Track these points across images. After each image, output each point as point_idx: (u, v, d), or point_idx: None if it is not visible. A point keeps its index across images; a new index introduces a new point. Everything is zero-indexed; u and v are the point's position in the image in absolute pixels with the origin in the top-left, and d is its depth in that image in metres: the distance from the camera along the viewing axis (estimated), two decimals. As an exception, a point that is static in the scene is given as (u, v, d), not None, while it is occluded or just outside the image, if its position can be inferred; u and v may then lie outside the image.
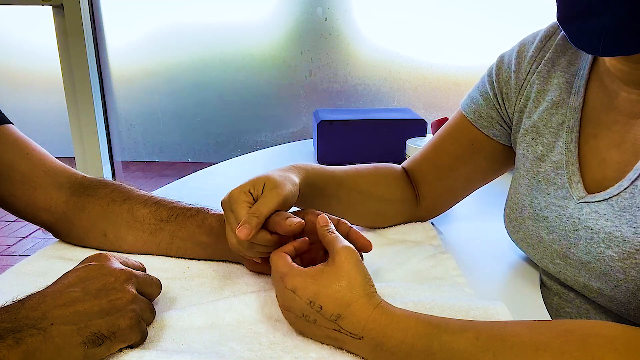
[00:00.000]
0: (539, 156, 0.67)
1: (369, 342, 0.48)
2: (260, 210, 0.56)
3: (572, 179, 0.63)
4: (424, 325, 0.48)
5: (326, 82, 1.96)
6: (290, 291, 0.51)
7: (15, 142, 0.70)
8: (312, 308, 0.49)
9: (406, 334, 0.47)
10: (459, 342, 0.46)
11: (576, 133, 0.64)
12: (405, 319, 0.48)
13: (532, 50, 0.69)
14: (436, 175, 0.80)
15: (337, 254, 0.51)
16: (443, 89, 1.94)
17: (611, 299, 0.59)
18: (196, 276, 0.66)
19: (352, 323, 0.49)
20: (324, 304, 0.49)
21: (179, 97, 2.06)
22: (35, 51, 2.46)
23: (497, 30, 1.84)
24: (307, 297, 0.50)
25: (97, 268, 0.51)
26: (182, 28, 1.99)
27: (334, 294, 0.49)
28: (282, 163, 0.56)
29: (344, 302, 0.49)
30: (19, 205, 0.70)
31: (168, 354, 0.49)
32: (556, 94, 0.66)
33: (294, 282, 0.51)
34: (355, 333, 0.48)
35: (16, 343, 0.42)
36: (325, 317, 0.49)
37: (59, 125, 2.27)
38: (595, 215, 0.59)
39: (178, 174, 1.24)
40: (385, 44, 1.92)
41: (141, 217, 0.69)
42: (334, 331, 0.49)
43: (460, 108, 0.78)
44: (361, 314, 0.49)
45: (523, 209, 0.69)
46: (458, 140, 0.77)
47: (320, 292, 0.49)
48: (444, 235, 0.82)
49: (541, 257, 0.67)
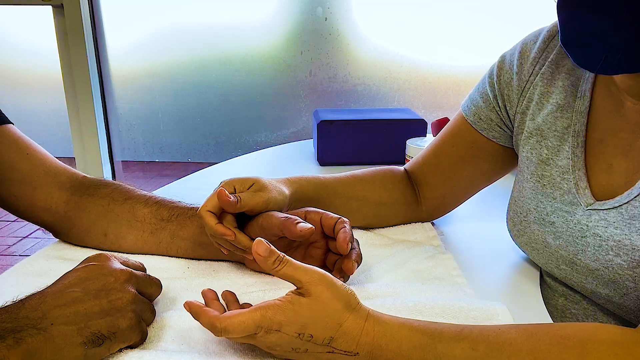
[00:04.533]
0: (544, 159, 0.66)
1: (364, 356, 0.47)
2: (241, 199, 0.59)
3: (579, 184, 0.62)
4: (417, 334, 0.47)
5: (326, 82, 1.96)
6: (275, 331, 0.46)
7: (15, 142, 0.70)
8: (301, 340, 0.46)
9: (400, 345, 0.46)
10: (454, 353, 0.45)
11: (582, 138, 0.63)
12: (397, 328, 0.47)
13: (535, 51, 0.68)
14: (437, 178, 0.79)
15: (311, 286, 0.47)
16: (443, 89, 1.94)
17: (620, 306, 0.59)
18: (196, 276, 0.66)
19: (346, 341, 0.47)
20: (313, 333, 0.46)
21: (179, 97, 2.06)
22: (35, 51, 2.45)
23: (497, 30, 1.84)
24: (295, 330, 0.46)
25: (98, 268, 0.51)
26: (182, 28, 1.99)
27: (321, 320, 0.46)
28: (282, 163, 0.56)
29: (334, 325, 0.47)
30: (20, 205, 0.70)
31: (168, 354, 0.49)
32: (561, 97, 0.65)
33: (275, 320, 0.46)
34: (350, 350, 0.47)
35: (16, 343, 0.42)
36: (317, 344, 0.47)
37: (59, 125, 2.27)
38: (604, 223, 0.59)
39: (178, 174, 1.24)
40: (385, 44, 1.92)
41: (142, 217, 0.69)
42: (327, 353, 0.47)
43: (461, 110, 0.77)
44: (354, 330, 0.47)
45: (528, 213, 0.68)
46: (458, 142, 0.77)
47: (307, 323, 0.46)
48: (445, 236, 0.82)
49: (546, 262, 0.67)
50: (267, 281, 0.65)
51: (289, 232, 0.57)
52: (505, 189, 0.86)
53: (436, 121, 1.29)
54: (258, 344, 0.48)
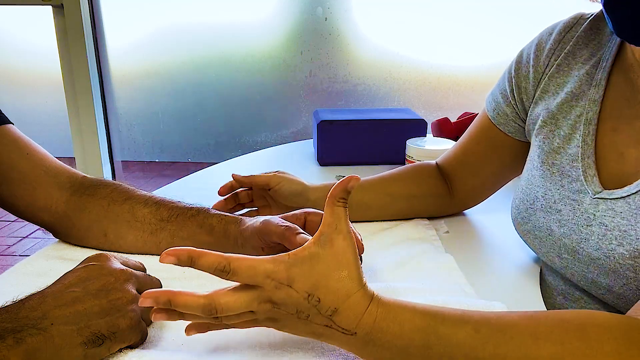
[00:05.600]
0: (555, 148, 0.67)
1: (361, 337, 0.45)
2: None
3: (587, 172, 0.62)
4: (419, 317, 0.46)
5: (326, 82, 1.96)
6: (286, 286, 0.44)
7: (15, 142, 0.70)
8: (309, 303, 0.44)
9: (402, 327, 0.45)
10: (457, 335, 0.45)
11: (594, 126, 0.63)
12: (401, 310, 0.46)
13: (551, 42, 0.69)
14: (466, 173, 0.83)
15: (340, 237, 0.45)
16: (443, 89, 1.94)
17: (619, 296, 0.59)
18: (196, 276, 0.66)
19: (348, 318, 0.45)
20: (322, 297, 0.44)
21: (179, 97, 2.06)
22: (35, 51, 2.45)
23: (497, 30, 1.84)
24: (305, 290, 0.44)
25: (98, 268, 0.51)
26: (182, 28, 1.99)
27: (334, 284, 0.44)
28: (282, 163, 0.56)
29: (343, 293, 0.44)
30: (19, 205, 0.70)
31: (168, 354, 0.49)
32: (576, 85, 0.66)
33: (290, 274, 0.44)
34: (349, 329, 0.45)
35: (16, 343, 0.42)
36: (321, 313, 0.44)
37: (59, 125, 2.27)
38: (612, 212, 0.58)
39: (178, 174, 1.24)
40: (385, 44, 1.92)
41: (142, 217, 0.69)
42: (324, 327, 0.45)
43: (485, 105, 0.80)
44: (358, 307, 0.45)
45: (535, 201, 0.68)
46: (481, 139, 0.81)
47: (320, 283, 0.44)
48: (446, 235, 0.82)
49: (548, 251, 0.67)
50: (267, 281, 0.65)
51: (288, 242, 0.57)
52: (506, 188, 0.86)
53: (436, 121, 1.29)
54: (259, 312, 0.45)
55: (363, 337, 0.45)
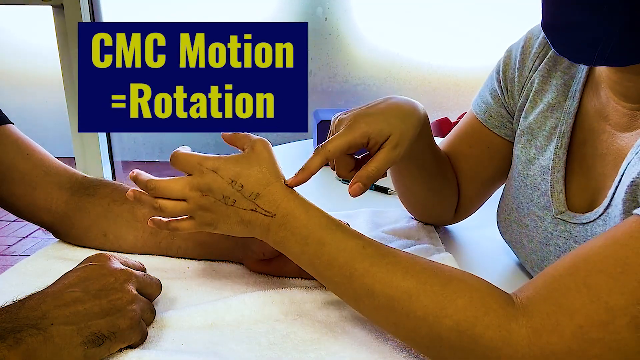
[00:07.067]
0: (530, 159, 0.66)
1: (278, 220, 0.52)
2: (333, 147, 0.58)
3: (555, 186, 0.62)
4: (327, 218, 0.52)
5: (326, 82, 1.96)
6: (211, 171, 0.52)
7: (15, 142, 0.70)
8: (233, 187, 0.52)
9: (310, 219, 0.52)
10: (347, 243, 0.50)
11: (567, 139, 0.62)
12: (314, 208, 0.53)
13: (536, 46, 0.67)
14: (460, 181, 0.77)
15: (256, 143, 0.55)
16: (443, 89, 1.94)
17: None
18: (196, 276, 0.66)
19: (269, 201, 0.52)
20: (245, 183, 0.52)
21: (179, 97, 2.06)
22: (35, 51, 2.45)
23: (497, 31, 1.84)
24: (229, 176, 0.52)
25: (98, 268, 0.51)
26: (182, 28, 1.99)
27: (255, 174, 0.53)
28: (282, 163, 0.56)
29: (264, 181, 0.53)
30: (19, 205, 0.70)
31: (168, 354, 0.49)
32: (553, 96, 0.65)
33: (216, 163, 0.53)
34: (270, 211, 0.52)
35: (16, 343, 0.42)
36: (245, 196, 0.52)
37: (59, 125, 2.27)
38: (567, 234, 0.59)
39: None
40: (385, 44, 1.92)
41: (142, 217, 0.69)
42: (250, 211, 0.52)
43: (471, 108, 0.75)
44: (277, 194, 0.53)
45: (511, 212, 0.69)
46: (474, 144, 0.74)
47: (242, 172, 0.52)
48: (445, 235, 0.82)
49: (524, 262, 0.69)
50: (267, 281, 0.65)
51: None
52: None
53: (436, 121, 1.29)
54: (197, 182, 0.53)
55: (280, 220, 0.52)
